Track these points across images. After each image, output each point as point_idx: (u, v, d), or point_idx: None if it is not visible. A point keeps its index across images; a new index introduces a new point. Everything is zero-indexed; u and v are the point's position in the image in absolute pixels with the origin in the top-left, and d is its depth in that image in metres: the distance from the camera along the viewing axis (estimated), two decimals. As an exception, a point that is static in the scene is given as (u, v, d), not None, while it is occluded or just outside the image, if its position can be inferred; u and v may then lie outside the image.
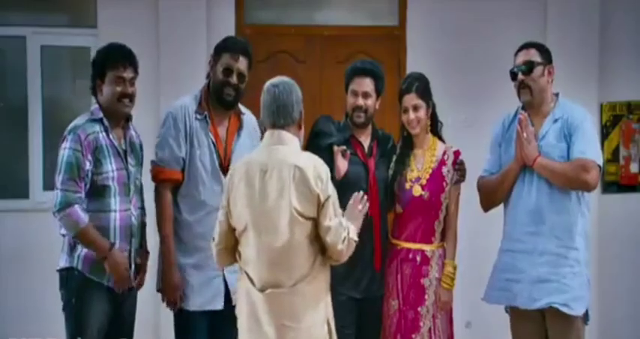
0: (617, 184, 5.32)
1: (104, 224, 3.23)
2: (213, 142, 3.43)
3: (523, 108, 3.47)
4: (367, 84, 3.54)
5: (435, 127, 3.58)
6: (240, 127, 3.51)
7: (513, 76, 3.44)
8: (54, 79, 5.17)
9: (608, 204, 5.23)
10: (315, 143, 3.52)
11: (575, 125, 3.33)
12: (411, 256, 3.49)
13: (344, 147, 3.44)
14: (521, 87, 3.40)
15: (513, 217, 3.40)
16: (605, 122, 5.32)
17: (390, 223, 3.64)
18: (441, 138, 3.61)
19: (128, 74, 3.29)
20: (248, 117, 3.59)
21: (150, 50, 4.96)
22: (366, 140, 3.61)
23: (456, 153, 3.57)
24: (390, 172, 3.56)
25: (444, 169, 3.53)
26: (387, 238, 3.59)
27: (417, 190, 3.50)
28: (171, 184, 3.42)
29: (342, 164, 3.42)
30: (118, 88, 3.27)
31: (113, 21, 4.92)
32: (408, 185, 3.52)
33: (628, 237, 5.27)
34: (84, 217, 3.16)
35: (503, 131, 3.51)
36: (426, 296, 3.45)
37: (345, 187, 3.33)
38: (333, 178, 3.31)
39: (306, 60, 5.25)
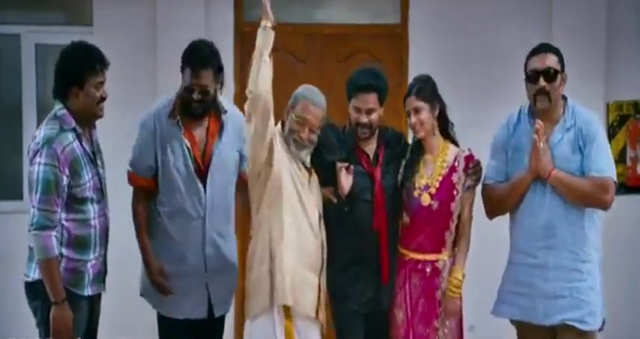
0: (623, 185, 5.21)
1: (85, 232, 3.14)
2: (188, 148, 3.35)
3: (530, 111, 3.32)
4: (371, 100, 3.37)
5: (445, 129, 3.43)
6: (221, 128, 3.41)
7: (532, 79, 3.26)
8: (49, 78, 4.81)
9: (614, 206, 5.11)
10: (318, 159, 3.39)
11: (591, 137, 3.20)
12: (420, 266, 3.36)
13: (346, 163, 3.32)
14: (540, 93, 3.22)
15: (524, 230, 3.27)
16: (611, 122, 5.24)
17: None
18: (454, 141, 3.46)
19: (104, 77, 3.20)
20: (232, 113, 3.49)
21: (147, 48, 4.91)
22: (371, 147, 3.47)
23: (467, 158, 3.40)
24: (399, 177, 3.42)
25: (455, 177, 3.38)
26: (396, 250, 3.43)
27: (426, 199, 3.35)
28: (144, 189, 3.41)
29: (346, 181, 3.31)
30: (98, 93, 3.17)
31: (109, 19, 4.89)
32: (416, 193, 3.37)
33: (634, 239, 5.21)
34: (54, 248, 3.04)
35: (508, 136, 3.35)
36: (441, 309, 3.34)
37: (349, 200, 3.29)
38: (338, 195, 3.31)
39: (306, 59, 5.22)
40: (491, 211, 3.38)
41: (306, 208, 3.25)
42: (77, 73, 3.12)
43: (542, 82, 3.21)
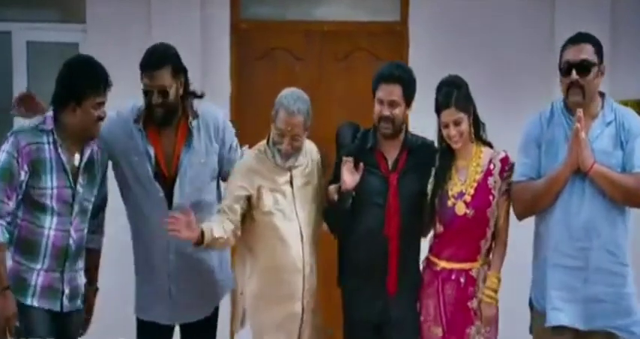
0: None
1: (35, 239, 3.04)
2: (151, 154, 3.25)
3: (566, 106, 3.13)
4: (395, 92, 3.20)
5: (477, 132, 3.21)
6: (190, 134, 3.28)
7: (565, 72, 3.08)
8: (40, 77, 5.02)
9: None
10: (339, 158, 3.29)
11: (634, 133, 3.04)
12: (453, 276, 3.17)
13: (351, 158, 3.17)
14: (573, 86, 3.04)
15: (562, 230, 3.06)
16: (616, 121, 5.14)
17: (429, 239, 3.34)
18: (486, 142, 3.25)
19: (105, 98, 3.11)
20: (207, 115, 3.35)
21: (141, 46, 4.78)
22: (393, 153, 3.29)
23: (504, 160, 3.19)
24: (430, 186, 3.21)
25: (490, 181, 3.17)
26: (406, 261, 3.24)
27: (461, 208, 3.15)
28: None
29: (349, 177, 3.13)
30: (97, 113, 3.08)
31: (103, 16, 4.81)
32: (450, 202, 3.16)
33: None
34: (1, 237, 2.95)
35: (541, 130, 3.14)
36: (475, 318, 3.16)
37: (358, 201, 3.15)
38: (341, 192, 3.16)
39: (305, 57, 5.14)
40: (523, 211, 3.16)
41: (286, 237, 3.19)
42: (77, 90, 3.03)
43: (574, 75, 3.03)
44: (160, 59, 3.20)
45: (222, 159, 3.37)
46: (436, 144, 3.31)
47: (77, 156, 3.10)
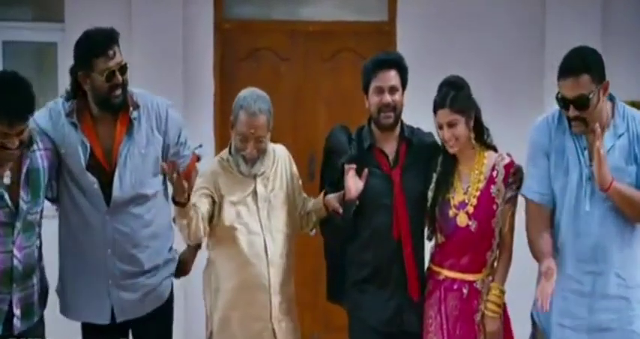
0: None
1: None
2: (87, 145, 3.09)
3: (569, 125, 2.87)
4: (393, 76, 3.07)
5: (481, 137, 3.04)
6: (130, 125, 3.13)
7: (563, 107, 2.84)
8: None
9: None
10: (330, 164, 3.15)
11: None
12: (456, 286, 3.01)
13: (353, 165, 3.03)
14: (574, 119, 2.80)
15: (569, 252, 2.87)
16: (608, 124, 5.06)
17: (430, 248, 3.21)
18: (490, 146, 3.08)
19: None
20: (148, 106, 3.19)
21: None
22: (392, 147, 3.15)
23: (507, 166, 3.02)
24: (430, 193, 3.06)
25: (494, 189, 3.00)
26: (422, 261, 3.12)
27: (463, 220, 2.99)
28: None
29: (354, 184, 2.98)
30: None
31: (81, 15, 4.67)
32: (451, 212, 3.00)
33: None
34: None
35: (549, 140, 2.91)
36: (480, 333, 3.01)
37: (363, 205, 3.00)
38: (345, 203, 3.02)
39: (290, 57, 5.09)
40: (536, 231, 2.94)
41: (249, 253, 3.04)
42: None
43: (573, 110, 2.78)
44: (109, 36, 3.05)
45: (166, 151, 3.21)
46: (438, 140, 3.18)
47: (7, 173, 2.89)
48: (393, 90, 3.08)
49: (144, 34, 4.71)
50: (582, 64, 2.77)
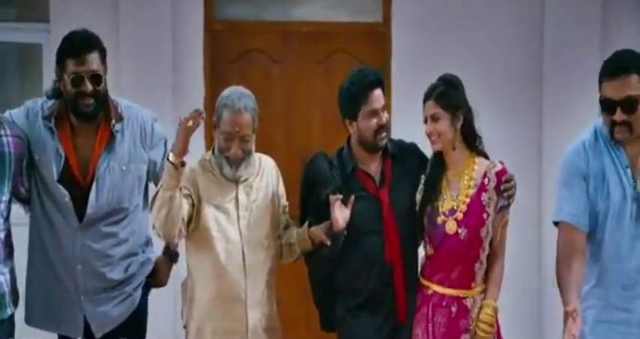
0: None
1: None
2: (61, 154, 2.98)
3: (611, 135, 2.72)
4: (381, 95, 2.99)
5: (471, 143, 2.94)
6: (112, 138, 3.02)
7: (607, 110, 2.68)
8: (2, 79, 4.99)
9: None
10: (314, 195, 3.02)
11: None
12: (445, 303, 2.89)
13: (339, 196, 2.91)
14: (619, 124, 2.64)
15: (613, 280, 2.70)
16: (607, 127, 4.98)
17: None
18: (482, 153, 2.98)
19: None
20: (132, 120, 3.09)
21: (108, 48, 4.62)
22: (376, 166, 3.04)
23: (499, 174, 2.90)
24: (418, 196, 2.96)
25: (485, 197, 2.88)
26: (412, 286, 2.99)
27: (452, 227, 2.87)
28: None
29: (341, 214, 2.87)
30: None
31: (67, 15, 4.62)
32: (440, 219, 2.89)
33: None
34: None
35: (587, 164, 2.74)
36: None
37: (351, 233, 2.89)
38: (332, 234, 2.91)
39: (282, 60, 5.03)
40: (565, 260, 2.75)
41: (225, 262, 2.90)
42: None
43: (619, 114, 2.62)
44: (89, 41, 2.96)
45: (153, 168, 3.12)
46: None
47: None
48: (384, 109, 3.02)
49: (131, 35, 4.65)
50: (631, 63, 2.63)
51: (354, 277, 2.97)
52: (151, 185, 3.17)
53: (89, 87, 2.92)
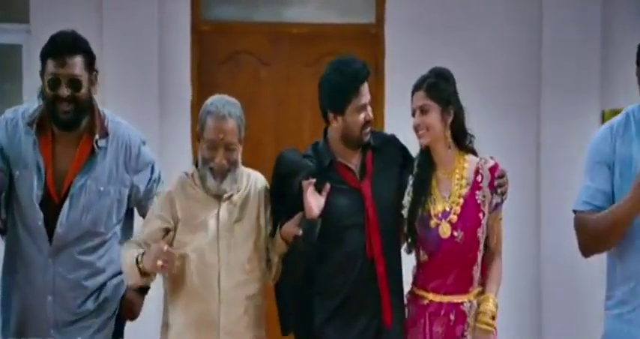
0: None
1: None
2: (41, 167, 2.83)
3: None
4: (367, 90, 2.91)
5: (461, 141, 2.84)
6: (92, 154, 2.87)
7: None
8: None
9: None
10: (286, 189, 2.86)
11: None
12: (443, 311, 2.77)
13: (313, 180, 2.78)
14: None
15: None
16: (608, 130, 4.94)
17: (412, 268, 2.97)
18: (471, 150, 2.89)
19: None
20: (119, 138, 2.94)
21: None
22: (356, 159, 2.92)
23: (493, 169, 2.81)
24: (408, 198, 2.84)
25: (479, 195, 2.78)
26: (399, 283, 2.89)
27: (446, 230, 2.75)
28: None
29: (314, 200, 2.73)
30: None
31: (49, 15, 4.54)
32: (433, 223, 2.77)
33: None
34: None
35: (612, 149, 2.59)
36: None
37: (329, 228, 2.74)
38: (304, 223, 2.75)
39: (272, 61, 4.99)
40: (586, 248, 2.63)
41: (198, 285, 2.75)
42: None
43: None
44: (73, 44, 2.82)
45: (136, 192, 2.98)
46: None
47: None
48: (370, 103, 2.92)
49: (116, 36, 4.59)
50: None
51: (332, 277, 2.83)
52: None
53: (65, 91, 2.78)
